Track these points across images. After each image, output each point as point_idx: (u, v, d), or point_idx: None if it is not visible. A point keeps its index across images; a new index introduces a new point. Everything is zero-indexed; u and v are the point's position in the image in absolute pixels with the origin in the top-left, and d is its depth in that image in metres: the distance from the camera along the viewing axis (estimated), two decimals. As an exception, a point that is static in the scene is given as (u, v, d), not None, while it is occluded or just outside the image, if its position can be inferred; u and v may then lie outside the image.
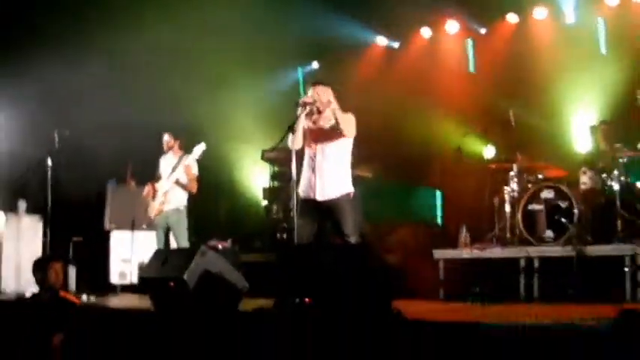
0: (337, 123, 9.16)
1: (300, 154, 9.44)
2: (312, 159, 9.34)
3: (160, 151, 12.64)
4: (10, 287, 13.38)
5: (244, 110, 16.55)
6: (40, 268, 9.30)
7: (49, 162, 12.66)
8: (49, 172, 12.69)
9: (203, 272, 8.81)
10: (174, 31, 14.86)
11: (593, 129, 12.38)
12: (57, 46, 14.27)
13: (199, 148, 12.08)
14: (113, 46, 14.40)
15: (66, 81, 13.92)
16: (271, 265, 9.50)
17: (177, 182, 12.18)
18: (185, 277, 8.69)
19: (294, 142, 9.08)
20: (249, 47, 15.82)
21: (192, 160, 12.15)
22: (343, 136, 9.23)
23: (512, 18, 15.34)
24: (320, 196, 9.22)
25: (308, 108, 9.00)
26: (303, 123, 9.12)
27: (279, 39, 16.29)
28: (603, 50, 13.67)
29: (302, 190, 9.36)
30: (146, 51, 14.76)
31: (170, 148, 12.46)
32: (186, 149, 12.27)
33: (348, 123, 9.23)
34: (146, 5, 14.57)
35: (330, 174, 9.26)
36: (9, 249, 13.73)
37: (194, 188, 12.27)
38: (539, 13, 14.93)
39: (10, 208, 14.14)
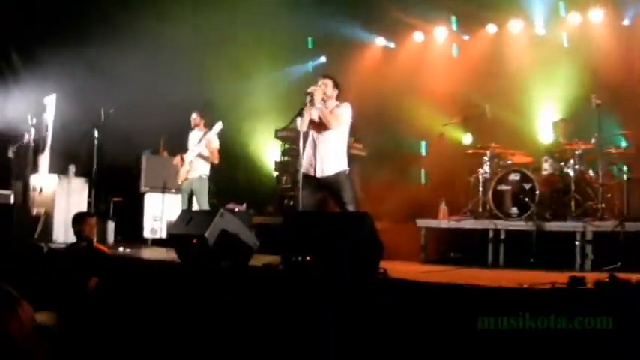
0: (320, 119, 9.23)
1: (306, 136, 9.47)
2: (315, 141, 9.40)
3: (189, 127, 12.68)
4: (61, 237, 13.44)
5: (262, 94, 16.56)
6: (77, 221, 9.30)
7: (96, 134, 12.67)
8: (96, 143, 12.71)
9: (221, 231, 8.83)
10: (205, 21, 14.89)
11: (555, 124, 12.48)
12: (104, 31, 14.29)
13: (218, 126, 12.21)
14: (152, 33, 14.36)
15: (111, 63, 13.91)
16: (279, 228, 9.48)
17: (200, 154, 12.24)
18: (206, 234, 8.71)
19: (302, 125, 9.11)
20: (270, 39, 15.89)
21: (212, 135, 12.24)
22: (330, 128, 9.24)
23: (491, 28, 15.40)
24: (319, 174, 9.27)
25: (309, 98, 9.01)
26: (308, 110, 9.13)
27: (295, 34, 16.35)
28: (565, 58, 13.66)
29: (304, 167, 9.39)
30: (180, 38, 14.74)
31: (197, 125, 12.57)
32: (210, 126, 12.30)
33: (334, 118, 9.31)
34: (182, 8, 14.64)
35: (328, 156, 9.35)
36: (60, 206, 13.79)
37: (216, 159, 12.35)
38: (515, 24, 14.97)
39: (63, 172, 14.18)
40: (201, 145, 12.28)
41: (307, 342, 6.72)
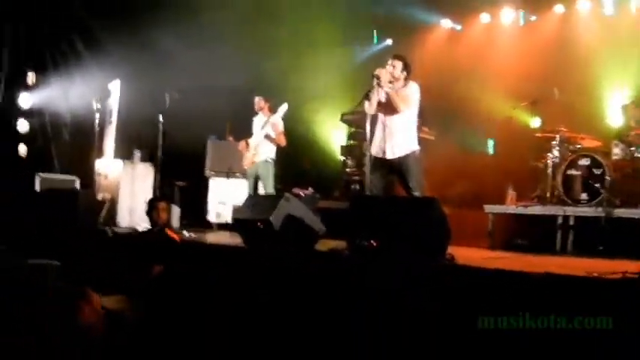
0: (389, 102, 9.19)
1: (374, 118, 9.46)
2: (384, 123, 9.40)
3: (253, 111, 12.73)
4: (125, 222, 13.63)
5: (327, 77, 16.53)
6: (149, 206, 9.41)
7: (161, 119, 12.76)
8: (161, 128, 12.80)
9: (286, 215, 8.90)
10: (267, 6, 14.92)
11: (625, 107, 12.24)
12: (167, 15, 14.38)
13: (283, 108, 12.28)
14: (216, 16, 14.44)
15: (175, 48, 14.03)
16: (345, 212, 9.48)
17: (267, 137, 12.32)
18: (271, 219, 8.79)
19: (370, 108, 9.11)
20: (335, 21, 15.83)
21: (277, 118, 12.31)
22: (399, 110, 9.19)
23: (559, 8, 15.24)
24: (390, 155, 9.25)
25: (376, 80, 9.00)
26: (376, 93, 9.12)
27: (361, 15, 16.31)
28: (635, 40, 13.46)
29: (374, 150, 9.43)
30: (244, 21, 14.80)
31: (261, 109, 12.64)
32: (274, 110, 12.34)
33: (402, 100, 9.32)
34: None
35: (399, 136, 9.35)
36: (125, 191, 13.99)
37: (283, 142, 12.42)
38: (583, 5, 14.81)
39: (128, 157, 14.35)
40: (268, 128, 12.33)
41: (372, 325, 6.72)
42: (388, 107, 9.33)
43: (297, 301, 7.55)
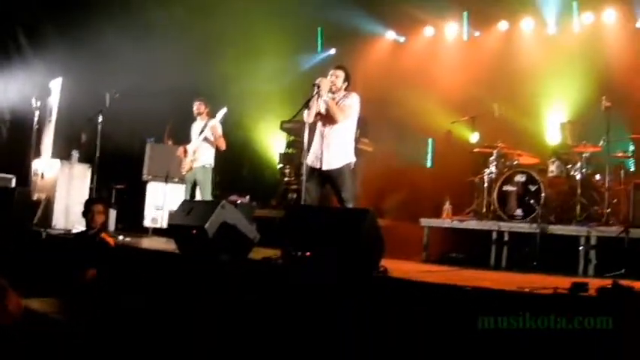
0: (327, 111, 9.21)
1: (314, 128, 9.44)
2: (322, 134, 9.38)
3: (193, 115, 12.64)
4: (60, 224, 13.46)
5: (269, 84, 16.52)
6: (86, 208, 9.29)
7: (100, 119, 12.63)
8: (99, 128, 12.68)
9: (222, 223, 8.82)
10: (213, 7, 14.86)
11: (562, 126, 12.45)
12: (109, 18, 14.27)
13: (222, 112, 12.21)
14: (159, 18, 14.42)
15: (117, 50, 13.89)
16: (280, 221, 9.47)
17: (206, 140, 12.21)
18: (206, 226, 8.70)
19: (309, 117, 9.08)
20: (279, 29, 15.77)
21: (216, 122, 12.21)
22: (337, 121, 9.20)
23: (502, 25, 15.35)
24: (325, 165, 9.22)
25: (316, 89, 8.99)
26: (316, 102, 9.10)
27: (304, 25, 16.32)
28: (576, 59, 13.61)
29: (310, 159, 9.38)
30: (187, 24, 14.79)
31: (200, 114, 12.49)
32: (213, 115, 12.27)
33: (341, 110, 9.31)
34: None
35: (335, 148, 9.32)
36: (61, 191, 13.84)
37: (222, 145, 12.33)
38: (526, 23, 14.97)
39: (65, 157, 14.18)
40: (207, 132, 12.23)
41: (303, 337, 6.69)
42: (327, 117, 9.31)
43: (228, 310, 7.51)
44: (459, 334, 5.84)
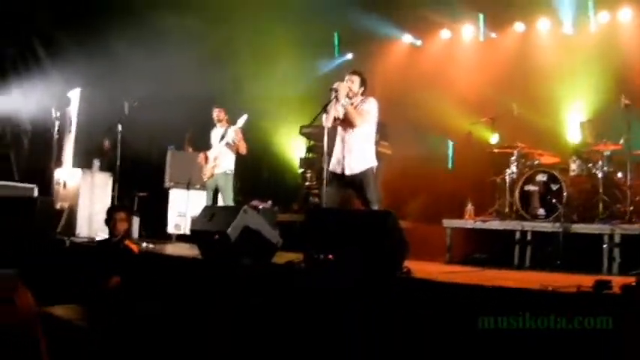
0: (345, 116, 9.18)
1: (333, 132, 9.43)
2: (342, 139, 9.36)
3: (213, 122, 12.66)
4: (84, 232, 13.52)
5: (288, 89, 16.50)
6: (108, 216, 9.30)
7: (120, 128, 12.67)
8: (119, 137, 12.71)
9: (244, 228, 8.83)
10: (232, 15, 14.88)
11: (582, 124, 12.42)
12: (129, 25, 14.27)
13: (243, 118, 12.20)
14: (178, 26, 14.45)
15: (134, 59, 13.91)
16: (302, 225, 9.46)
17: (227, 145, 12.22)
18: (228, 231, 8.71)
19: (327, 121, 9.07)
20: (296, 34, 15.74)
21: (237, 128, 12.20)
22: (356, 125, 9.17)
23: (519, 27, 15.35)
24: (348, 171, 9.21)
25: (334, 94, 8.98)
26: (334, 107, 9.09)
27: (322, 29, 16.30)
28: (594, 58, 13.57)
29: (332, 164, 9.38)
30: (207, 32, 14.79)
31: (220, 121, 12.51)
32: (233, 122, 12.28)
33: (359, 115, 9.28)
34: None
35: (357, 153, 9.29)
36: (84, 200, 13.90)
37: (243, 149, 12.35)
38: (542, 23, 14.94)
39: (87, 166, 14.23)
40: (228, 137, 12.24)
41: (328, 341, 6.68)
42: (347, 122, 9.30)
43: (252, 315, 7.51)
44: (481, 333, 5.82)
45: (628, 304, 5.60)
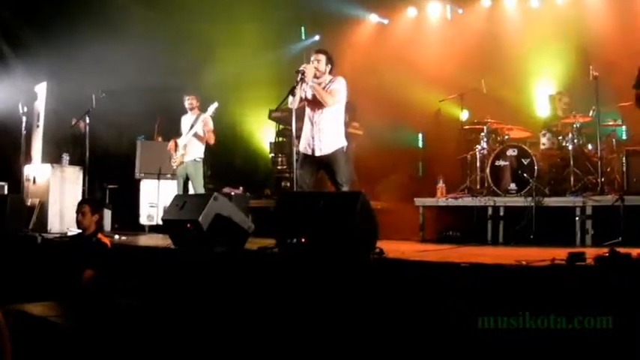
0: (315, 97, 9.12)
1: (302, 114, 9.37)
2: (311, 120, 9.28)
3: (182, 111, 12.55)
4: (55, 227, 13.38)
5: (256, 74, 16.38)
6: (77, 210, 9.22)
7: (88, 120, 12.54)
8: (87, 129, 12.59)
9: (215, 215, 8.80)
10: (195, 4, 14.75)
11: (551, 98, 12.50)
12: (93, 16, 14.16)
13: (213, 106, 12.06)
14: (143, 15, 14.33)
15: (100, 50, 13.77)
16: (274, 210, 9.42)
17: (196, 135, 12.13)
18: (200, 219, 8.67)
19: (294, 103, 9.01)
20: (264, 18, 15.65)
21: (207, 116, 12.12)
22: (326, 105, 9.12)
23: (485, 2, 15.36)
24: (318, 152, 9.14)
25: (300, 76, 8.92)
26: (300, 88, 9.02)
27: (287, 12, 16.22)
28: (561, 31, 13.62)
29: (302, 146, 9.32)
30: (171, 20, 14.68)
31: (192, 108, 12.39)
32: (203, 109, 12.19)
33: (330, 94, 9.19)
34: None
35: (327, 133, 9.20)
36: (54, 195, 13.73)
37: (212, 140, 12.23)
38: (509, -2, 14.89)
39: (56, 161, 14.10)
40: (198, 126, 12.15)
41: (302, 325, 6.64)
42: (315, 103, 9.22)
43: (226, 301, 7.46)
44: (459, 311, 5.80)
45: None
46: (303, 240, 7.55)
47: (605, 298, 5.30)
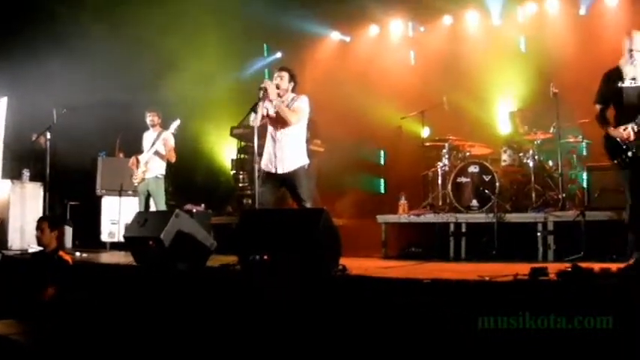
0: (279, 115, 9.09)
1: (264, 131, 9.33)
2: (274, 137, 9.24)
3: (144, 127, 12.47)
4: (16, 244, 13.25)
5: (217, 91, 16.38)
6: (36, 227, 9.13)
7: (48, 136, 12.43)
8: (48, 145, 12.48)
9: (177, 232, 8.75)
10: (156, 20, 14.67)
11: (512, 114, 12.64)
12: (55, 34, 14.08)
13: (175, 123, 12.05)
14: (103, 32, 14.27)
15: (63, 66, 13.67)
16: (236, 227, 9.37)
17: (157, 153, 12.06)
18: (162, 236, 8.63)
19: (255, 120, 8.96)
20: (224, 35, 15.57)
21: (168, 134, 12.06)
22: (290, 124, 9.10)
23: (447, 20, 15.44)
24: (280, 170, 9.10)
25: (262, 93, 8.88)
26: (262, 105, 8.98)
27: (249, 29, 16.19)
28: (523, 48, 13.76)
29: (264, 163, 9.26)
30: (132, 37, 14.58)
31: (154, 125, 12.31)
32: (166, 125, 12.12)
33: (293, 113, 9.15)
34: (137, 5, 14.41)
35: (288, 150, 9.16)
36: (15, 211, 13.60)
37: (173, 158, 12.16)
38: (471, 15, 15.06)
39: (16, 176, 13.97)
40: (159, 144, 12.08)
41: (265, 342, 6.60)
42: (278, 121, 9.18)
43: (188, 319, 7.40)
44: (423, 327, 5.79)
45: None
46: (265, 257, 7.51)
47: (568, 311, 5.31)
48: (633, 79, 7.72)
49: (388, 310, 6.14)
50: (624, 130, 7.66)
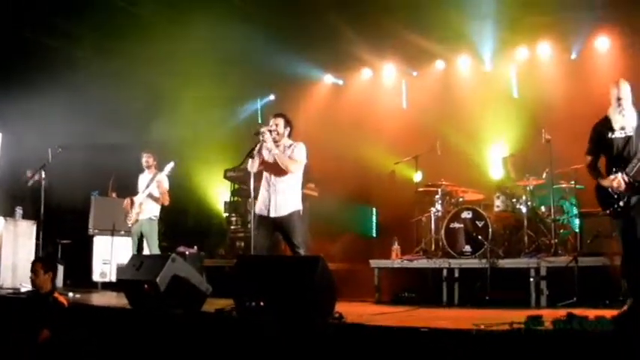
0: (276, 162, 9.13)
1: (259, 175, 9.35)
2: (269, 182, 9.24)
3: (138, 168, 12.48)
4: (8, 283, 13.15)
5: (210, 133, 16.41)
6: (30, 269, 9.09)
7: (43, 175, 12.44)
8: (43, 183, 12.49)
9: (173, 276, 8.72)
10: (152, 63, 14.71)
11: (504, 160, 12.66)
12: (50, 72, 14.07)
13: (169, 166, 12.04)
14: (100, 73, 14.29)
15: (57, 105, 13.69)
16: (231, 271, 9.36)
17: (151, 195, 12.07)
18: (157, 280, 8.59)
19: (253, 166, 9.00)
20: (217, 79, 15.60)
21: (163, 176, 12.08)
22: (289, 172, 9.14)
23: (439, 64, 15.49)
24: (273, 214, 9.10)
25: (261, 138, 8.92)
26: (259, 151, 9.02)
27: (242, 74, 16.19)
28: (515, 94, 13.84)
29: (258, 207, 9.27)
30: (129, 79, 14.60)
31: (149, 167, 12.32)
32: (161, 168, 12.14)
33: (292, 161, 9.18)
34: (133, 45, 14.43)
35: (283, 195, 9.17)
36: (7, 249, 13.48)
37: (166, 201, 12.16)
38: (463, 61, 15.13)
39: (9, 214, 13.91)
40: (153, 186, 12.10)
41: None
42: (274, 167, 9.20)
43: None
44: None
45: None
46: (261, 303, 7.52)
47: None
48: (622, 128, 7.74)
49: (384, 358, 6.15)
50: (614, 180, 7.69)
